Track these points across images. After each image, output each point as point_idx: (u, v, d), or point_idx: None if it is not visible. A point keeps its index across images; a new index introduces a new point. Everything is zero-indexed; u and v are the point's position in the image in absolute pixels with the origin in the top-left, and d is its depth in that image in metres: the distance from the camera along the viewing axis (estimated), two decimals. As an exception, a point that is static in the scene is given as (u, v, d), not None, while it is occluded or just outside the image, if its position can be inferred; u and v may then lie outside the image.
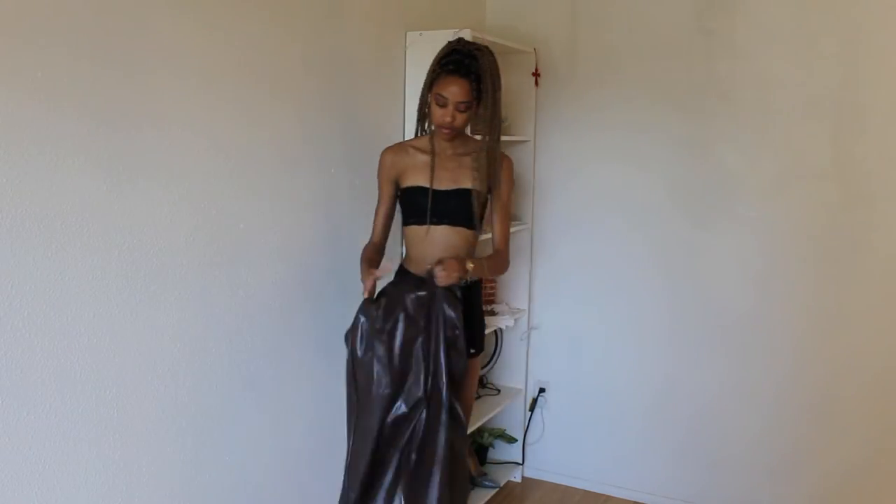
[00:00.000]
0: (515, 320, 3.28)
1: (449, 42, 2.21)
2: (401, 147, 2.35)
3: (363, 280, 2.18)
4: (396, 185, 2.33)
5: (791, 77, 2.87)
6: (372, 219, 2.39)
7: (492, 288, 3.37)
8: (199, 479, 2.07)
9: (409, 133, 2.79)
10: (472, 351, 2.38)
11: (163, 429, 1.94)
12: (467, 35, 2.67)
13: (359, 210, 2.55)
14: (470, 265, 2.18)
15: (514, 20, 3.32)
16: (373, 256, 2.30)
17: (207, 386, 2.06)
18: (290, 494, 2.42)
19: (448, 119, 2.16)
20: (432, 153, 2.28)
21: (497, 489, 3.32)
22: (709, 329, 3.11)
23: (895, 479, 2.86)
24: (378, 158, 2.33)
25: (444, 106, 2.15)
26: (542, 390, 3.48)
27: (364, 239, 2.50)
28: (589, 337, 3.35)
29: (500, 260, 2.36)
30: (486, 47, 2.20)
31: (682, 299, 3.14)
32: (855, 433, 2.91)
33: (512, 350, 3.47)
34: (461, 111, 2.16)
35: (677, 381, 3.19)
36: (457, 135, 2.25)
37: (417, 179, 2.28)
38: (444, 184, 2.27)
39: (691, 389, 3.17)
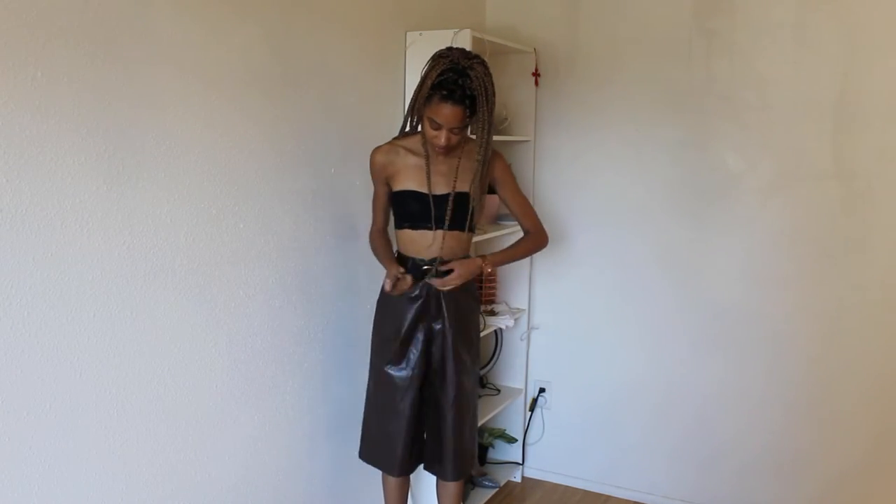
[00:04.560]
0: (515, 320, 3.28)
1: (440, 54, 2.13)
2: (391, 147, 2.31)
3: (388, 269, 2.26)
4: (388, 186, 2.33)
5: (791, 77, 2.87)
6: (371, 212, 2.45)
7: (491, 288, 3.37)
8: (199, 479, 2.07)
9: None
10: None
11: (163, 429, 1.95)
12: (467, 36, 2.67)
13: (359, 210, 2.55)
14: (488, 269, 2.33)
15: (514, 20, 3.32)
16: (386, 245, 2.39)
17: (207, 386, 2.07)
18: (291, 494, 2.42)
19: (442, 142, 2.15)
20: (427, 156, 2.24)
21: (497, 489, 3.32)
22: (708, 329, 3.11)
23: None
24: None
25: (437, 129, 2.14)
26: (542, 390, 3.48)
27: (364, 237, 2.51)
28: (589, 337, 3.35)
29: (533, 240, 2.45)
30: (479, 57, 2.13)
31: (682, 299, 3.14)
32: (856, 434, 2.91)
33: (512, 350, 3.47)
34: (455, 134, 2.15)
35: (677, 381, 3.19)
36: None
37: (410, 183, 2.26)
38: (439, 188, 2.25)
39: (691, 389, 3.17)
